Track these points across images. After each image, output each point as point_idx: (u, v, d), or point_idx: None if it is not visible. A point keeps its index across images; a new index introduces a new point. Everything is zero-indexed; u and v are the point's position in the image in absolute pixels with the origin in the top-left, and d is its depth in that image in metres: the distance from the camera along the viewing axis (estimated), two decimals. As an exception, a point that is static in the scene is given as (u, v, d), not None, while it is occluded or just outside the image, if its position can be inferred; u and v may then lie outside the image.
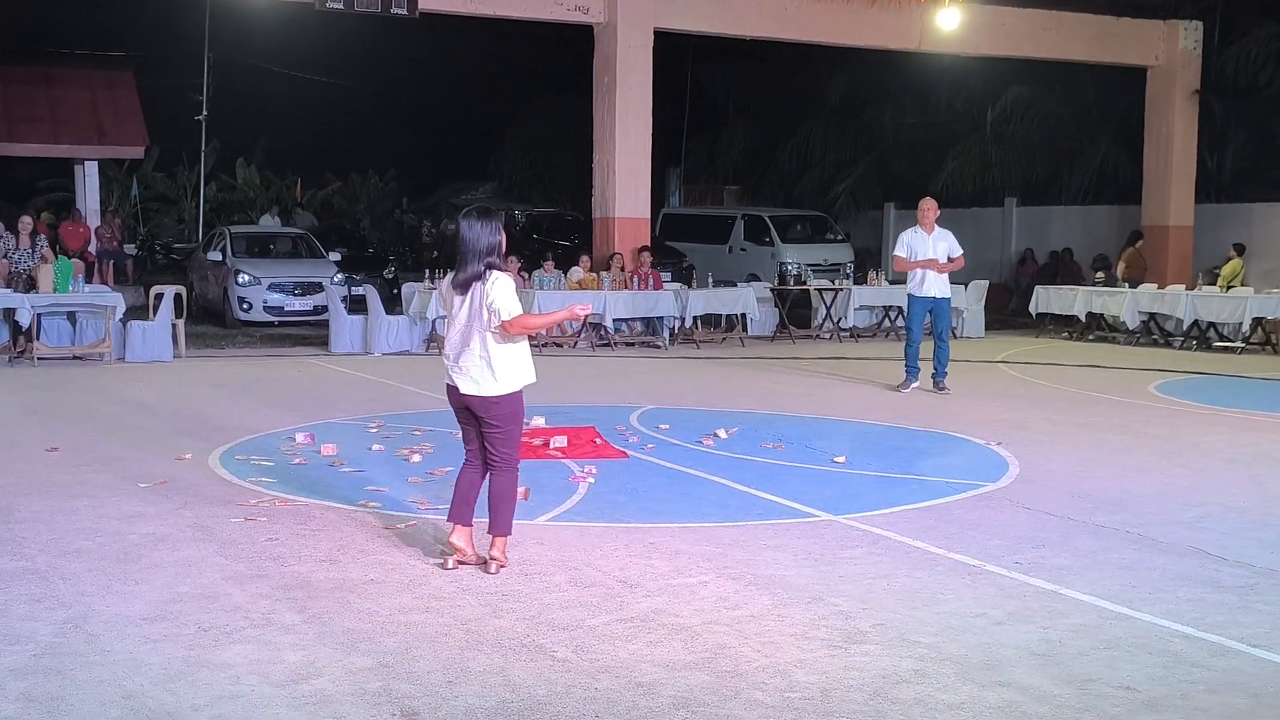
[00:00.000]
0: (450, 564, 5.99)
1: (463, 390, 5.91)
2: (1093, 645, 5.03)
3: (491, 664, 4.72)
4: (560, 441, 9.13)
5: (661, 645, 4.96)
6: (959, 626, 5.24)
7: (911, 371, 12.83)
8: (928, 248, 12.68)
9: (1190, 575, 6.06)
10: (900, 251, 12.87)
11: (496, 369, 5.85)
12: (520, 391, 5.97)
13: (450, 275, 6.08)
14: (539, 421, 10.12)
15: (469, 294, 5.88)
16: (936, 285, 12.71)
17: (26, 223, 16.03)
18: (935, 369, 12.78)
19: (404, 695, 4.41)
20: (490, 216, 5.94)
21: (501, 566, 5.92)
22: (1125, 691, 4.54)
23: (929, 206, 12.85)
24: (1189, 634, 5.18)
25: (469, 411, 5.99)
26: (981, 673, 4.71)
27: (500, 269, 5.91)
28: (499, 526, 5.99)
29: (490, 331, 5.83)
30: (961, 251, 12.96)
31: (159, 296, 15.59)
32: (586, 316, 16.78)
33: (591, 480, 8.05)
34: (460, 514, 6.03)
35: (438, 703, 4.35)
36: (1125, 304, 18.66)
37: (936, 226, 12.78)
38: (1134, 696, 4.50)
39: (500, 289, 5.83)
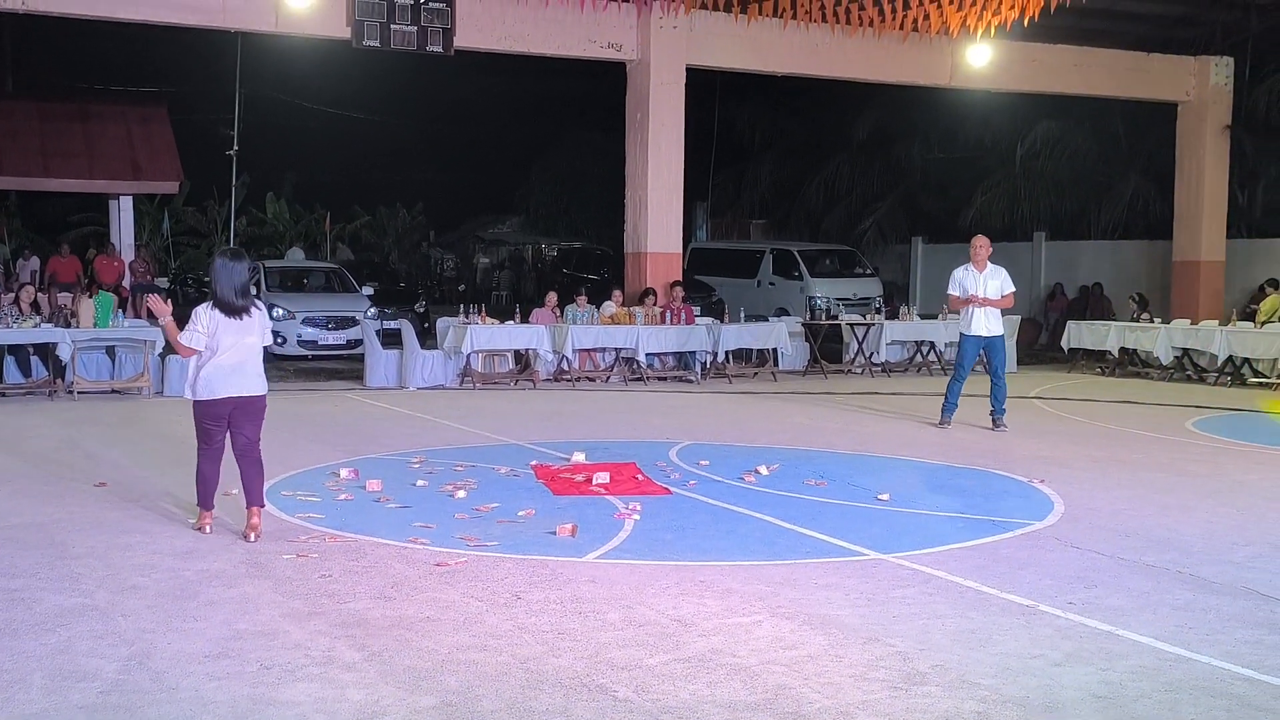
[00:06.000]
0: (209, 530, 7.53)
1: (250, 393, 7.47)
2: (1154, 688, 5.01)
3: (554, 704, 4.74)
4: (602, 478, 9.14)
5: (722, 686, 4.97)
6: (1017, 668, 5.23)
7: (950, 408, 12.83)
8: (979, 285, 12.59)
9: (1245, 617, 6.04)
10: (953, 290, 12.77)
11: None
12: None
13: (210, 305, 7.40)
14: (580, 457, 10.16)
15: (247, 319, 7.41)
16: (987, 323, 12.62)
17: (30, 292, 16.17)
18: (994, 407, 12.71)
19: (470, 735, 4.43)
20: (243, 258, 7.56)
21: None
22: (1191, 735, 4.53)
23: (981, 244, 12.73)
24: (1250, 677, 5.15)
25: (237, 413, 7.45)
26: (1044, 715, 4.70)
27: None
28: (262, 498, 7.62)
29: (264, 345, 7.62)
30: (1013, 289, 12.82)
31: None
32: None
33: (637, 517, 8.06)
34: (212, 500, 7.67)
35: (505, 743, 4.37)
36: (1159, 340, 18.58)
37: (989, 264, 12.68)
38: (1200, 740, 4.49)
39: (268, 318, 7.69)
